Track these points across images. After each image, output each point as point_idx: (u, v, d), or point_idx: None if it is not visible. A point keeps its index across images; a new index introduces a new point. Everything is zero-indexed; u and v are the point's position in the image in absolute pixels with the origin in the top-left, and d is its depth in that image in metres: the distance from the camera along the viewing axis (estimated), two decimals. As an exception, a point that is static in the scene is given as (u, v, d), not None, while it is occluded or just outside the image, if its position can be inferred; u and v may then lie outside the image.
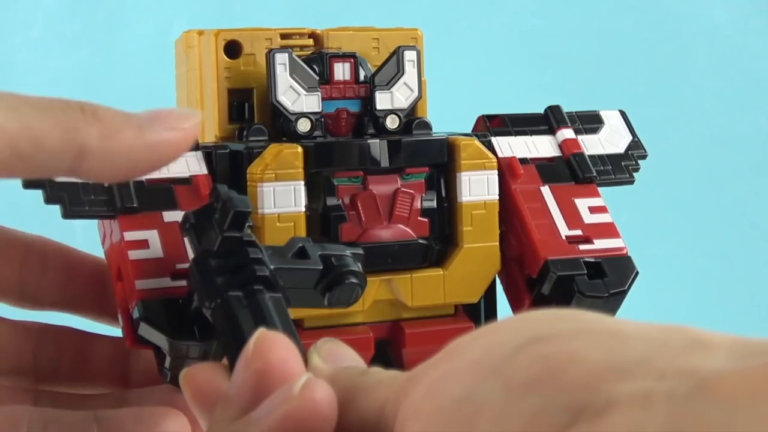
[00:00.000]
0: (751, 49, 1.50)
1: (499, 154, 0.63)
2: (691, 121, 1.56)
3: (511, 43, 1.56)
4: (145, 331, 0.54)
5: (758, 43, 1.50)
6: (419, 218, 0.60)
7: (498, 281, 0.63)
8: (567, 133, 0.64)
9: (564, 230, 0.61)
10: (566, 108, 0.66)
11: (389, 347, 0.61)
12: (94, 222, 0.59)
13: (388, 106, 0.62)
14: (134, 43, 1.49)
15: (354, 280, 0.54)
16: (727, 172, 1.54)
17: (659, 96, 1.53)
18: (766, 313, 1.53)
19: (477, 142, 0.61)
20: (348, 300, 0.54)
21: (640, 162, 0.65)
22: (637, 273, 0.61)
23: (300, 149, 0.58)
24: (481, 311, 0.63)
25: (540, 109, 0.66)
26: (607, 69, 1.53)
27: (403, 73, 0.62)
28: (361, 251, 0.56)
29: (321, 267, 0.53)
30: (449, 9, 1.55)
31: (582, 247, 0.61)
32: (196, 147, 0.59)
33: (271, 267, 0.51)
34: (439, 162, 0.61)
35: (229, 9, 1.48)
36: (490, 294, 0.63)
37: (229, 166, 0.59)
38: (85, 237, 0.63)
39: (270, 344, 0.44)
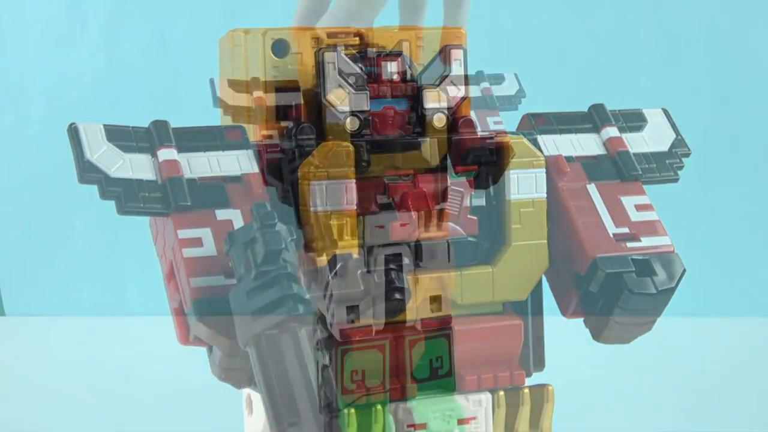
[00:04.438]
0: (751, 49, 1.51)
1: (545, 152, 0.63)
2: (690, 120, 1.56)
3: (510, 42, 1.56)
4: (200, 330, 0.54)
5: (758, 43, 1.50)
6: (468, 216, 0.61)
7: (544, 278, 0.63)
8: (611, 131, 0.65)
9: (611, 228, 0.62)
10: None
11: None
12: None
13: (436, 105, 0.61)
14: (134, 43, 1.48)
15: (398, 296, 0.54)
16: (727, 172, 1.55)
17: (659, 96, 1.54)
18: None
19: (525, 141, 0.61)
20: (393, 314, 0.55)
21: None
22: (685, 271, 0.61)
23: (351, 147, 0.58)
24: (528, 308, 0.63)
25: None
26: (606, 69, 1.53)
27: (450, 72, 0.62)
28: (407, 261, 0.56)
29: (361, 288, 0.54)
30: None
31: (630, 244, 0.61)
32: (247, 145, 0.59)
33: (307, 297, 0.52)
34: (489, 160, 0.61)
35: (229, 9, 1.47)
36: (536, 291, 0.63)
37: (280, 164, 0.59)
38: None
39: None
